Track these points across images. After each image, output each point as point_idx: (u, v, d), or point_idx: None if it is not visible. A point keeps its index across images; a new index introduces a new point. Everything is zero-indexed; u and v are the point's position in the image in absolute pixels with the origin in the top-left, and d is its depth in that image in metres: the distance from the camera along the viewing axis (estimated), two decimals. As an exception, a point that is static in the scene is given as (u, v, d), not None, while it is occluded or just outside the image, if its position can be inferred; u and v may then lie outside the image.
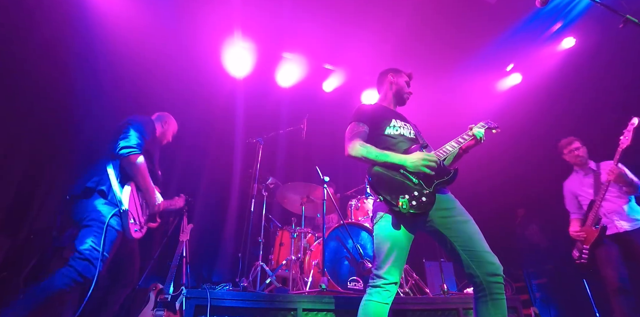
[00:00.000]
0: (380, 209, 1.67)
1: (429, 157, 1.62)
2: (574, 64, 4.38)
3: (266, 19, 4.25)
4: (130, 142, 2.05)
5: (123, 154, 2.01)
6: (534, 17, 4.22)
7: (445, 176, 1.68)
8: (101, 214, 1.92)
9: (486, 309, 1.47)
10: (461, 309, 2.39)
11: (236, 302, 2.02)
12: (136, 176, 2.08)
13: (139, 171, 2.07)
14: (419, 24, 4.32)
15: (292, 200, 3.66)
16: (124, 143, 2.03)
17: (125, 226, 1.98)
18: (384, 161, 1.66)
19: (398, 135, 1.84)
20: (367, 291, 1.53)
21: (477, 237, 1.57)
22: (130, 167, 2.05)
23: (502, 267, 1.52)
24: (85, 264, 1.81)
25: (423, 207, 1.54)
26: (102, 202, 1.96)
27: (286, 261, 3.09)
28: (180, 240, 3.01)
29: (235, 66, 4.62)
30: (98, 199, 1.97)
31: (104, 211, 1.94)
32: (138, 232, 2.10)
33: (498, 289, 1.48)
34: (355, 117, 1.90)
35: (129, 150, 2.02)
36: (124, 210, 1.96)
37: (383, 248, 1.55)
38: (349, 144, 1.78)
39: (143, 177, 2.10)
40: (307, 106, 4.72)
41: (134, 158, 2.03)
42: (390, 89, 2.10)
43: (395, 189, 1.59)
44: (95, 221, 1.91)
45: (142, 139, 2.12)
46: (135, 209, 2.08)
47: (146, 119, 2.30)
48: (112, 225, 1.93)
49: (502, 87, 5.24)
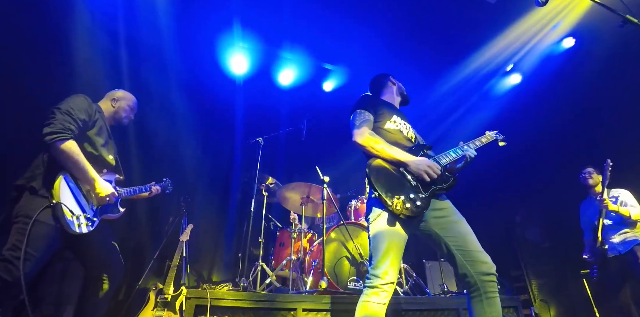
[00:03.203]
0: (375, 204, 1.65)
1: (434, 166, 1.62)
2: (574, 64, 4.38)
3: (266, 19, 4.25)
4: (54, 127, 1.81)
5: (47, 142, 1.79)
6: (534, 17, 4.22)
7: (444, 184, 1.68)
8: (29, 209, 1.74)
9: (481, 308, 1.48)
10: (461, 309, 2.39)
11: (236, 302, 2.02)
12: (66, 164, 1.85)
13: (68, 158, 1.83)
14: (419, 24, 4.33)
15: (292, 200, 3.66)
16: (47, 129, 1.81)
17: (62, 221, 1.77)
18: (390, 156, 1.65)
19: (397, 132, 1.84)
20: (364, 292, 1.52)
21: (470, 237, 1.59)
22: (57, 154, 1.82)
23: (495, 266, 1.54)
24: (3, 266, 1.65)
25: (417, 212, 1.54)
26: (33, 198, 1.79)
27: (286, 261, 3.09)
28: (180, 240, 3.01)
29: (235, 66, 4.62)
30: (28, 195, 1.79)
31: (32, 206, 1.75)
32: (82, 227, 1.87)
33: (491, 287, 1.50)
34: (360, 105, 1.90)
35: (52, 137, 1.79)
36: (54, 203, 1.76)
37: (380, 247, 1.54)
38: (357, 130, 1.75)
39: (75, 164, 1.86)
40: (307, 106, 4.72)
41: (59, 144, 1.80)
42: (394, 88, 2.13)
43: (392, 186, 1.58)
44: (22, 217, 1.74)
45: (71, 122, 1.87)
46: (75, 201, 1.88)
47: (78, 100, 2.02)
48: (43, 220, 1.73)
49: (502, 87, 5.24)
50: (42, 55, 3.02)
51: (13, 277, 1.63)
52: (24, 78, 2.83)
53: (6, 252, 1.68)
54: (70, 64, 3.17)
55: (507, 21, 4.29)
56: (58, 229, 1.79)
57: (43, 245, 1.74)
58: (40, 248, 1.73)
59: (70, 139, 1.84)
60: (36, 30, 3.00)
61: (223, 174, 4.62)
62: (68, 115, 1.89)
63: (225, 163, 4.66)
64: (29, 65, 2.90)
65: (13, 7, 2.87)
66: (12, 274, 1.64)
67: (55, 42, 3.13)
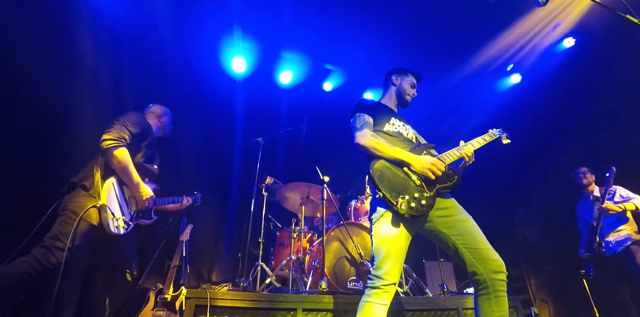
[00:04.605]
0: (379, 204, 1.64)
1: (438, 164, 1.62)
2: (574, 64, 4.38)
3: (266, 19, 4.24)
4: (111, 135, 2.03)
5: (103, 147, 2.00)
6: (534, 17, 4.21)
7: (448, 182, 1.67)
8: (77, 205, 1.90)
9: (489, 306, 1.46)
10: (461, 309, 2.39)
11: (236, 302, 2.02)
12: (117, 169, 2.05)
13: (119, 164, 2.04)
14: (418, 24, 4.32)
15: (292, 200, 3.66)
16: (105, 136, 2.02)
17: (104, 221, 1.94)
18: (393, 156, 1.65)
19: (397, 134, 1.84)
20: (366, 292, 1.51)
21: (478, 235, 1.57)
22: (110, 160, 2.03)
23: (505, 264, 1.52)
24: (43, 252, 1.79)
25: (421, 211, 1.53)
26: (82, 195, 1.95)
27: (286, 261, 3.09)
28: (180, 240, 3.00)
29: (235, 66, 4.61)
30: (79, 192, 1.96)
31: (80, 202, 1.92)
32: (119, 229, 2.04)
33: (501, 286, 1.48)
34: (359, 109, 1.90)
35: (108, 143, 2.00)
36: (101, 204, 1.93)
37: (382, 248, 1.53)
38: (359, 133, 1.76)
39: (125, 170, 2.06)
40: (307, 106, 4.72)
41: (113, 151, 2.01)
42: (393, 90, 2.10)
43: (397, 187, 1.57)
44: (68, 211, 1.90)
45: (125, 132, 2.09)
46: (118, 204, 2.05)
47: (135, 115, 2.28)
48: (86, 218, 1.90)
49: (502, 87, 5.24)
50: (43, 55, 3.02)
51: (52, 265, 1.79)
52: (24, 78, 2.83)
53: (47, 240, 1.82)
54: (70, 63, 3.17)
55: (507, 21, 4.28)
56: (97, 228, 1.93)
57: (80, 241, 1.89)
58: (81, 244, 1.90)
59: (122, 147, 2.05)
60: (36, 30, 3.00)
61: (223, 173, 4.62)
62: (124, 127, 2.11)
63: (225, 163, 4.66)
64: (29, 65, 2.90)
65: (13, 6, 2.87)
66: (50, 261, 1.78)
67: (57, 42, 3.13)
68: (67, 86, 3.10)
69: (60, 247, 1.81)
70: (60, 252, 1.80)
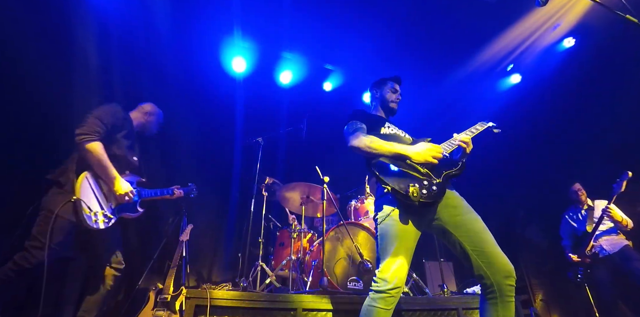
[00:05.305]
0: (386, 202, 1.61)
1: (434, 147, 1.60)
2: (574, 64, 4.37)
3: (266, 19, 4.24)
4: (84, 129, 2.02)
5: (76, 141, 1.99)
6: (534, 17, 4.21)
7: (454, 167, 1.65)
8: (52, 203, 1.91)
9: (495, 311, 1.41)
10: (461, 309, 2.39)
11: (236, 302, 2.02)
12: (93, 163, 2.04)
13: (93, 158, 2.02)
14: (418, 23, 4.32)
15: (292, 200, 3.66)
16: (78, 130, 2.01)
17: (80, 216, 1.93)
18: (389, 151, 1.63)
19: (393, 135, 1.86)
20: (370, 296, 1.46)
21: (487, 237, 1.51)
22: (84, 153, 2.02)
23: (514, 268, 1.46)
24: (21, 254, 1.81)
25: (434, 196, 1.49)
26: (57, 192, 1.96)
27: (286, 261, 3.09)
28: (180, 240, 3.00)
29: (235, 66, 4.61)
30: (54, 189, 1.97)
31: (55, 200, 1.92)
32: (98, 223, 2.02)
33: (509, 291, 1.42)
34: (352, 118, 1.92)
35: (81, 137, 1.99)
36: (75, 199, 1.92)
37: (388, 249, 1.49)
38: (351, 136, 1.77)
39: (100, 164, 2.04)
40: (307, 106, 4.72)
41: (86, 144, 2.00)
42: (377, 103, 2.13)
43: (404, 178, 1.55)
44: (45, 210, 1.91)
45: (100, 126, 2.06)
46: (95, 198, 2.04)
47: (109, 107, 2.24)
48: (63, 215, 1.90)
49: (502, 87, 5.24)
50: (45, 54, 3.02)
51: (31, 264, 1.79)
52: (24, 78, 2.83)
53: (27, 243, 1.84)
54: (70, 64, 3.18)
55: (507, 21, 4.28)
56: (74, 223, 1.93)
57: (59, 238, 1.89)
58: (61, 241, 1.89)
59: (96, 141, 2.03)
60: (36, 31, 3.00)
61: (223, 174, 4.62)
62: (98, 120, 2.08)
63: (225, 163, 4.66)
64: (29, 65, 2.90)
65: (13, 6, 2.87)
66: (29, 261, 1.80)
67: (58, 42, 3.14)
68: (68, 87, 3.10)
69: (37, 246, 1.81)
70: (39, 251, 1.80)
